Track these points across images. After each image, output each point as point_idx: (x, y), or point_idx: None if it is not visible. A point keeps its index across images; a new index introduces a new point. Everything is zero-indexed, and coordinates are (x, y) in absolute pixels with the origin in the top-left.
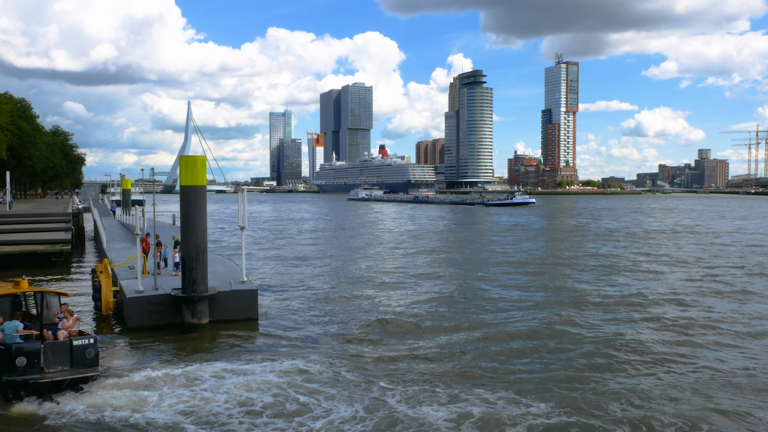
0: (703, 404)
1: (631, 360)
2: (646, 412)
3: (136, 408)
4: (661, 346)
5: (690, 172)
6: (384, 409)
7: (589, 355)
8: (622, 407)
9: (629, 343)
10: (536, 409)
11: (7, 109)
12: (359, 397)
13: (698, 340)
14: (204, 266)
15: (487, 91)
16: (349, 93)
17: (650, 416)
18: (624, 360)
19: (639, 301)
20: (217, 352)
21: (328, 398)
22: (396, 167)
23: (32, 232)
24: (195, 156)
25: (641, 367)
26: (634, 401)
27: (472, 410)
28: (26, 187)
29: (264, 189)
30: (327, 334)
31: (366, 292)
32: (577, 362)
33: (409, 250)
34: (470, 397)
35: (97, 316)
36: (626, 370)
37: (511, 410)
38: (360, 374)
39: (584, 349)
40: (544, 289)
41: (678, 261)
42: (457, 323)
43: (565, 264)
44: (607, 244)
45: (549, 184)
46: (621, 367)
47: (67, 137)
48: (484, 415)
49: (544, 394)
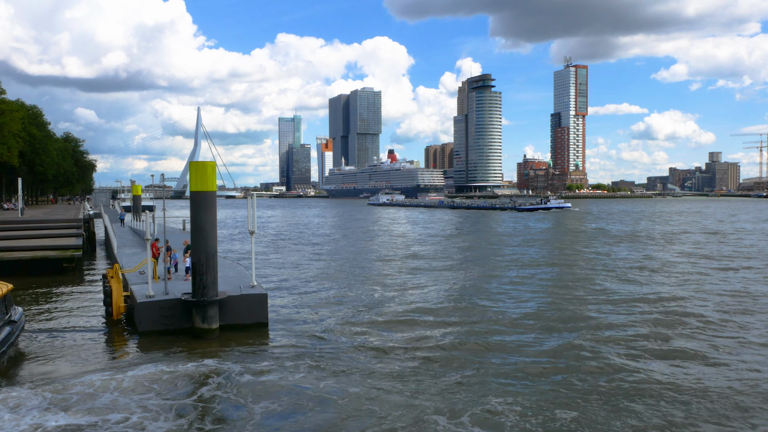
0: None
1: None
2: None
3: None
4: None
5: (701, 175)
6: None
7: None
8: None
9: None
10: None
11: (18, 116)
12: (367, 409)
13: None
14: (214, 271)
15: (496, 95)
16: (358, 98)
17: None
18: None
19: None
20: (229, 355)
21: (338, 404)
22: (405, 172)
23: (44, 238)
24: (205, 162)
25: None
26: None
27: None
28: (38, 193)
29: (273, 194)
30: (337, 340)
31: (387, 294)
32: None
33: (449, 261)
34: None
35: (108, 320)
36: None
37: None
38: (369, 383)
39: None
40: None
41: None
42: (478, 334)
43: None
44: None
45: (558, 188)
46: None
47: (78, 144)
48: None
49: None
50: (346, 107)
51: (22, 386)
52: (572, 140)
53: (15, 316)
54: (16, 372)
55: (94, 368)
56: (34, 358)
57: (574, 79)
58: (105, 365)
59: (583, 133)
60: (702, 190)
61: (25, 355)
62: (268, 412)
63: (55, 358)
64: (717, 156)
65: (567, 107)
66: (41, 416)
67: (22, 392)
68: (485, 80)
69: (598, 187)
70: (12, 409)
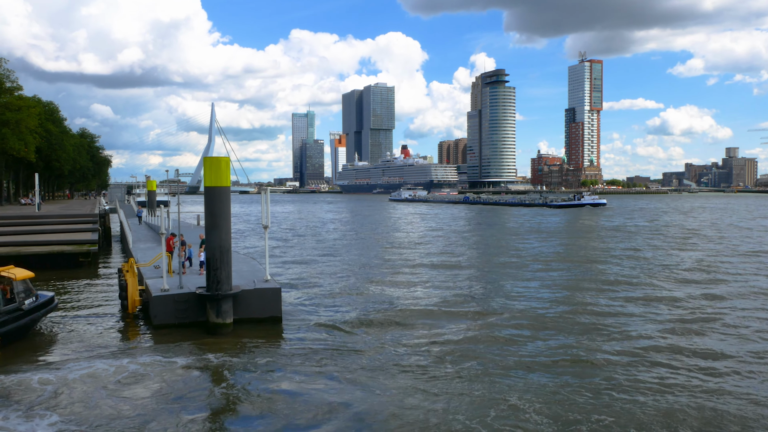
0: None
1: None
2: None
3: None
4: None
5: (717, 170)
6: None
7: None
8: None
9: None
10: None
11: (35, 113)
12: (379, 406)
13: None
14: (228, 266)
15: (510, 91)
16: (371, 93)
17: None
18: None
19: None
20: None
21: (352, 400)
22: (418, 167)
23: (60, 233)
24: (219, 157)
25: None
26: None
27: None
28: (54, 188)
29: (287, 190)
30: (351, 334)
31: (401, 292)
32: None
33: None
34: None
35: (123, 314)
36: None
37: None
38: (383, 379)
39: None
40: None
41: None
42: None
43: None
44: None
45: (573, 184)
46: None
47: (94, 139)
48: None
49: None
50: (360, 103)
51: (29, 372)
52: (587, 136)
53: (28, 303)
54: (26, 358)
55: (106, 357)
56: (47, 346)
57: (589, 74)
58: (118, 356)
59: (597, 128)
60: (719, 186)
61: (39, 344)
62: (281, 407)
63: (68, 348)
64: (734, 151)
65: (581, 102)
66: (46, 404)
67: (26, 377)
68: (499, 75)
69: (613, 182)
70: (17, 399)
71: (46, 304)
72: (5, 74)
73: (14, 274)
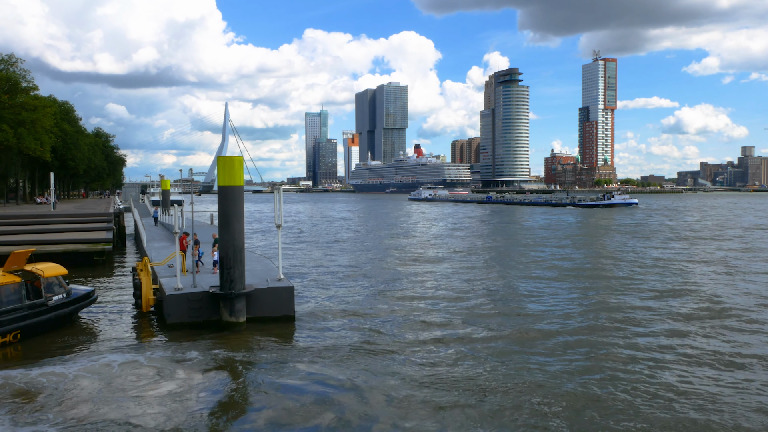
0: None
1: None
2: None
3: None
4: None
5: (733, 170)
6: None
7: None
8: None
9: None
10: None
11: (51, 112)
12: (391, 411)
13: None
14: (241, 265)
15: (524, 89)
16: (385, 92)
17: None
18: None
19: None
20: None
21: (365, 399)
22: (431, 166)
23: (75, 231)
24: (232, 156)
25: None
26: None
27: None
28: (69, 187)
29: (300, 189)
30: (365, 334)
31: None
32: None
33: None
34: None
35: (137, 312)
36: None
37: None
38: (398, 379)
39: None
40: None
41: None
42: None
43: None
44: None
45: (587, 183)
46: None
47: (109, 139)
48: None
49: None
50: (373, 102)
51: (41, 368)
52: (600, 135)
53: (57, 299)
54: (40, 354)
55: (120, 354)
56: (61, 343)
57: (603, 72)
58: (131, 353)
59: (611, 127)
60: (734, 185)
61: (53, 341)
62: (292, 405)
63: (82, 345)
64: (750, 150)
65: (595, 101)
66: (56, 400)
67: (39, 372)
68: (512, 74)
69: (627, 182)
70: (27, 394)
71: (82, 299)
72: (21, 74)
73: (42, 270)
